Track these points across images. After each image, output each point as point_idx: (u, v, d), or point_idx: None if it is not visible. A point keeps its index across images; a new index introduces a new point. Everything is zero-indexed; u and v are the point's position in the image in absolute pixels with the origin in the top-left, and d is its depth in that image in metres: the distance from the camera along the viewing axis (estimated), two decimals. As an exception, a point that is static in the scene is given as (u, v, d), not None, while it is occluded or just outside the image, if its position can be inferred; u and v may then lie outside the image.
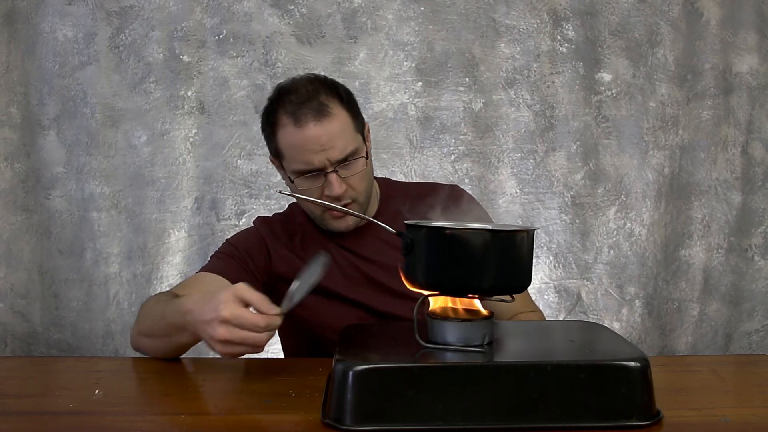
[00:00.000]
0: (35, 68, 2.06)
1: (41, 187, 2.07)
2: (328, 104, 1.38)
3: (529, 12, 2.14)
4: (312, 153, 1.36)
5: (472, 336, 1.01)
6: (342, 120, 1.39)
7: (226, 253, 1.48)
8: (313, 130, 1.36)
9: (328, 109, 1.37)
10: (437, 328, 1.02)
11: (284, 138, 1.39)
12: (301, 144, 1.36)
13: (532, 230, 1.05)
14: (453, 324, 1.01)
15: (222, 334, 1.06)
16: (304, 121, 1.36)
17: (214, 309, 1.07)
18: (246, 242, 1.50)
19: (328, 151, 1.36)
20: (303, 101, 1.37)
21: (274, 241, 1.50)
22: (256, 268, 1.47)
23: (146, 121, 2.08)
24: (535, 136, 2.16)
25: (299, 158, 1.38)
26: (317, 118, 1.36)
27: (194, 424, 0.97)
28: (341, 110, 1.39)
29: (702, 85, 2.18)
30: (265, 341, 1.06)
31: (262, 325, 1.06)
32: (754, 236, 2.20)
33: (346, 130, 1.39)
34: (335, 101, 1.39)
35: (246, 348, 1.07)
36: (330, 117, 1.37)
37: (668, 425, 0.94)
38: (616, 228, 2.18)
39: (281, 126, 1.39)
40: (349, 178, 1.40)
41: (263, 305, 1.07)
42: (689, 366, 1.29)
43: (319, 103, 1.37)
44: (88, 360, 1.69)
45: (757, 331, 2.22)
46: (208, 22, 2.09)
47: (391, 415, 0.91)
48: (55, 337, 2.09)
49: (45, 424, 1.00)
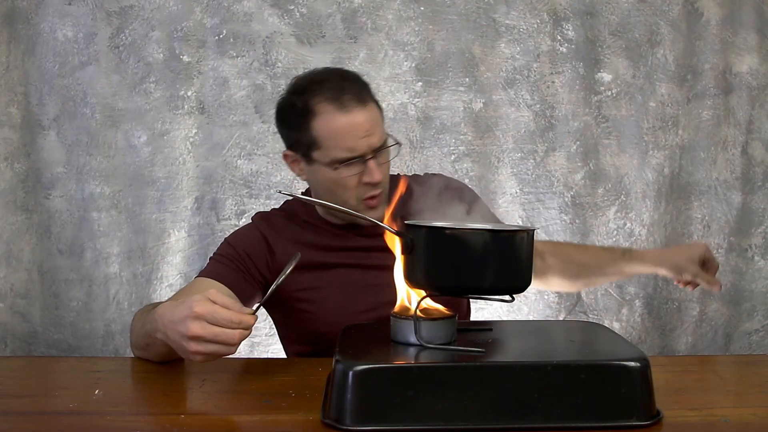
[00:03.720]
0: (35, 68, 2.06)
1: (41, 187, 2.07)
2: (365, 93, 1.42)
3: (529, 12, 2.14)
4: (356, 138, 1.38)
5: (435, 335, 1.01)
6: (376, 109, 1.44)
7: (225, 256, 1.47)
8: (359, 115, 1.38)
9: (367, 97, 1.41)
10: (398, 328, 1.03)
11: (325, 125, 1.39)
12: (346, 129, 1.37)
13: (532, 230, 1.05)
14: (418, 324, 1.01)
15: (194, 329, 1.05)
16: (349, 107, 1.37)
17: (187, 307, 1.07)
18: (245, 242, 1.49)
19: (370, 137, 1.39)
20: (343, 88, 1.39)
21: (276, 236, 1.50)
22: (256, 267, 1.46)
23: (146, 121, 2.08)
24: (535, 136, 2.16)
25: (342, 144, 1.38)
26: (360, 104, 1.39)
27: (194, 424, 0.97)
28: (373, 100, 1.44)
29: (702, 85, 2.18)
30: (238, 339, 1.05)
31: (235, 321, 1.05)
32: (754, 236, 2.20)
33: (380, 119, 1.44)
34: (367, 92, 1.44)
35: (218, 346, 1.06)
36: (370, 104, 1.41)
37: (668, 425, 0.94)
38: (616, 228, 2.18)
39: (321, 113, 1.39)
40: (382, 166, 1.43)
41: (235, 305, 1.08)
42: (689, 366, 1.29)
43: (359, 90, 1.40)
44: (88, 360, 1.69)
45: (757, 331, 2.22)
46: (208, 22, 2.09)
47: (391, 415, 0.91)
48: (55, 337, 2.09)
49: (45, 424, 1.00)
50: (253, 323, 1.07)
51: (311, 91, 1.41)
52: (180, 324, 1.07)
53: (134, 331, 1.31)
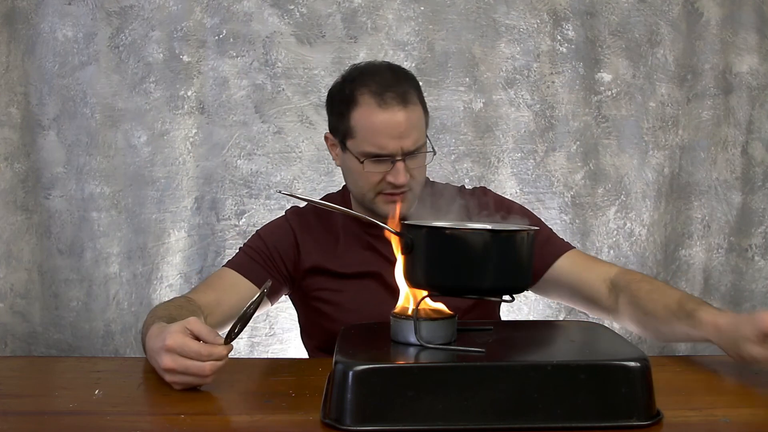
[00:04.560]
0: (35, 68, 2.05)
1: (41, 187, 2.07)
2: (411, 94, 1.41)
3: (529, 12, 2.14)
4: (389, 137, 1.39)
5: (436, 336, 1.01)
6: (420, 112, 1.43)
7: (255, 249, 1.50)
8: (397, 115, 1.38)
9: (412, 98, 1.41)
10: (398, 328, 1.03)
11: (363, 117, 1.40)
12: (381, 127, 1.39)
13: (532, 230, 1.05)
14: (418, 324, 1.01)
15: (166, 362, 1.08)
16: (389, 104, 1.38)
17: (161, 339, 1.09)
18: (275, 236, 1.52)
19: (404, 138, 1.39)
20: (389, 85, 1.40)
21: (304, 234, 1.52)
22: (283, 263, 1.50)
23: (146, 121, 2.08)
24: (535, 136, 2.16)
25: (374, 140, 1.40)
26: (402, 104, 1.39)
27: (194, 424, 0.97)
28: (419, 102, 1.44)
29: (702, 85, 2.18)
30: (209, 371, 1.07)
31: (204, 353, 1.07)
32: (754, 236, 2.20)
33: (421, 123, 1.44)
34: (415, 93, 1.43)
35: (190, 378, 1.08)
36: (412, 105, 1.41)
37: (668, 425, 0.94)
38: (616, 228, 2.18)
39: (362, 104, 1.40)
40: (413, 169, 1.43)
41: (210, 336, 1.09)
42: (689, 366, 1.29)
43: (404, 90, 1.40)
44: (88, 360, 1.69)
45: (757, 331, 2.22)
46: (208, 22, 2.09)
47: (391, 415, 0.91)
48: (55, 337, 2.09)
49: (45, 424, 1.00)
50: (226, 353, 1.09)
51: (359, 81, 1.43)
52: (156, 354, 1.10)
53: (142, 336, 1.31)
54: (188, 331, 1.09)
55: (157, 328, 1.15)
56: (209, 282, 1.50)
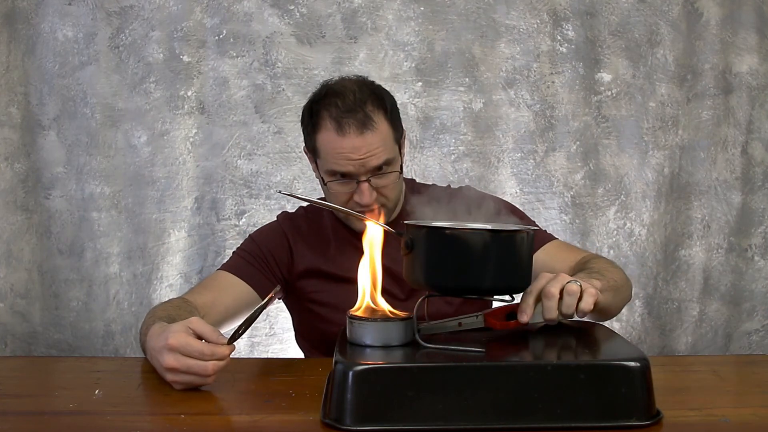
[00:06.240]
0: (35, 68, 2.05)
1: (41, 187, 2.07)
2: (373, 116, 1.39)
3: (529, 12, 2.14)
4: (348, 161, 1.39)
5: (390, 337, 1.01)
6: (383, 133, 1.41)
7: (249, 252, 1.51)
8: (354, 141, 1.37)
9: (372, 123, 1.38)
10: (356, 330, 1.03)
11: (324, 141, 1.41)
12: (339, 151, 1.39)
13: (531, 230, 1.05)
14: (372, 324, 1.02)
15: (169, 361, 1.07)
16: (346, 131, 1.37)
17: (164, 338, 1.09)
18: (269, 240, 1.53)
19: (364, 160, 1.39)
20: (349, 110, 1.38)
21: (297, 238, 1.52)
22: (277, 266, 1.50)
23: (146, 121, 2.08)
24: (535, 136, 2.16)
25: (334, 162, 1.40)
26: (359, 130, 1.37)
27: (194, 424, 0.97)
28: (384, 122, 1.41)
29: (702, 85, 2.18)
30: (211, 370, 1.07)
31: (207, 353, 1.07)
32: (754, 236, 2.20)
33: (385, 141, 1.41)
34: (380, 113, 1.41)
35: (193, 377, 1.08)
36: (372, 130, 1.38)
37: (668, 425, 0.94)
38: (616, 228, 2.18)
39: (323, 128, 1.41)
40: (381, 187, 1.43)
41: (213, 336, 1.09)
42: (689, 366, 1.29)
43: (364, 115, 1.38)
44: (88, 360, 1.70)
45: (757, 331, 2.22)
46: (208, 22, 2.09)
47: (391, 415, 0.91)
48: (55, 337, 2.09)
49: (45, 424, 1.00)
50: (228, 353, 1.09)
51: (324, 104, 1.42)
52: (158, 354, 1.10)
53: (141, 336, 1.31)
54: (191, 330, 1.09)
55: (159, 328, 1.15)
56: (205, 284, 1.51)
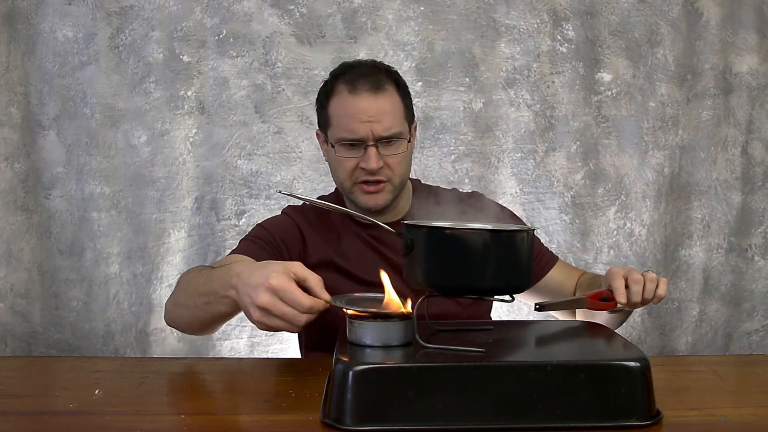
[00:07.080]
0: (35, 68, 2.06)
1: (41, 187, 2.07)
2: (385, 83, 1.45)
3: (529, 12, 2.14)
4: (358, 122, 1.42)
5: (390, 337, 1.01)
6: (394, 100, 1.46)
7: (260, 237, 1.49)
8: (366, 100, 1.42)
9: (384, 87, 1.44)
10: (355, 329, 1.03)
11: (336, 104, 1.46)
12: (351, 111, 1.43)
13: (531, 230, 1.05)
14: (372, 324, 1.02)
15: (264, 301, 1.03)
16: (359, 90, 1.43)
17: (264, 275, 1.05)
18: (281, 228, 1.52)
19: (374, 123, 1.42)
20: (363, 74, 1.45)
21: (309, 229, 1.53)
22: (290, 255, 1.48)
23: (146, 121, 2.08)
24: (535, 136, 2.16)
25: (345, 125, 1.44)
26: (372, 91, 1.43)
27: (194, 424, 0.97)
28: (396, 95, 1.47)
29: (702, 85, 2.18)
30: (303, 323, 1.04)
31: (306, 305, 1.03)
32: (754, 236, 2.20)
33: (395, 111, 1.46)
34: (392, 83, 1.47)
35: (282, 323, 1.04)
36: (384, 93, 1.44)
37: (668, 425, 0.94)
38: (616, 228, 2.18)
39: (336, 93, 1.46)
40: (388, 157, 1.45)
41: (317, 287, 1.06)
42: (689, 366, 1.29)
43: (377, 79, 1.45)
44: (88, 360, 1.69)
45: (757, 331, 2.22)
46: (208, 22, 2.09)
47: (391, 415, 0.91)
48: (55, 337, 2.09)
49: (45, 424, 1.00)
50: (321, 310, 1.05)
51: (339, 74, 1.48)
52: (253, 290, 1.05)
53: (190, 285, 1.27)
54: (293, 274, 1.05)
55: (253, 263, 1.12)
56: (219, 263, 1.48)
